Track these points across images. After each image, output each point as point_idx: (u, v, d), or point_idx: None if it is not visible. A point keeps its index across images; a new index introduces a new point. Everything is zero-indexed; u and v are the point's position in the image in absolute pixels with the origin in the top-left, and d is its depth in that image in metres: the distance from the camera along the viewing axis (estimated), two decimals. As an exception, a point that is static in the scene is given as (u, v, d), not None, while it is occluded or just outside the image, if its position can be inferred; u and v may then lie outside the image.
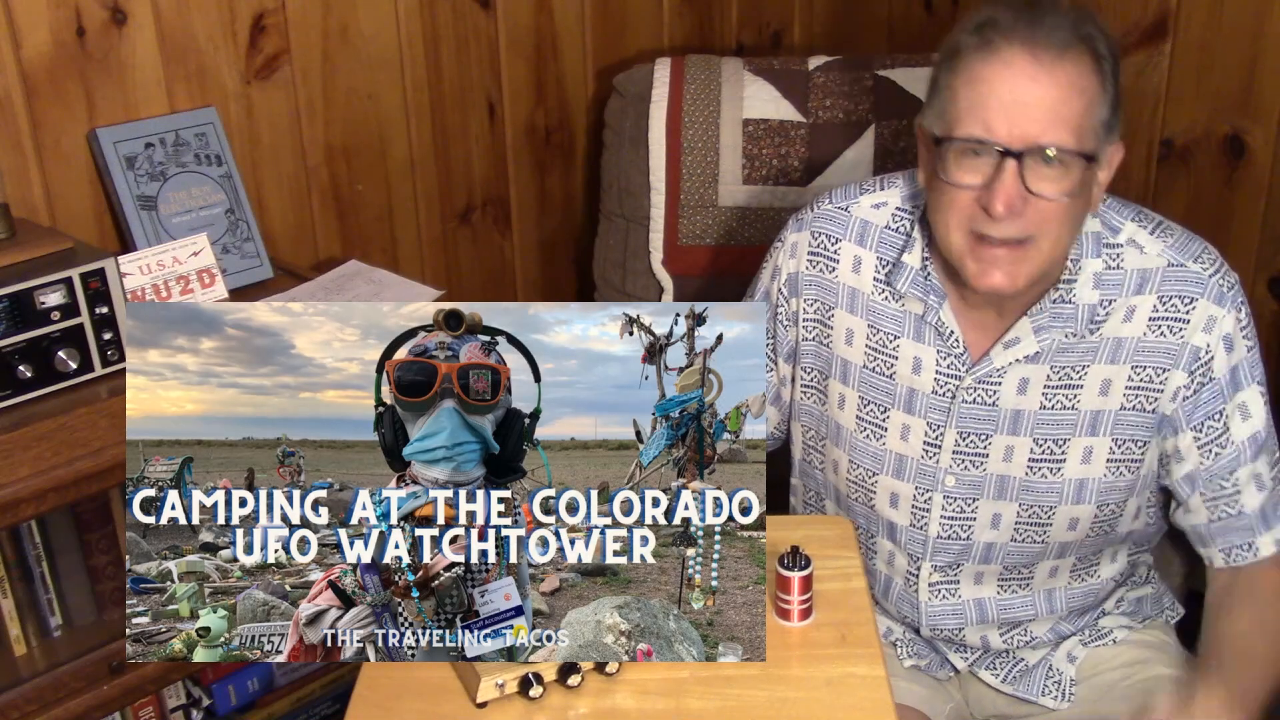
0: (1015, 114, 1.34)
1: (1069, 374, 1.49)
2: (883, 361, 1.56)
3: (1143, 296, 1.47)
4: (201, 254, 1.86)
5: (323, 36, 2.07)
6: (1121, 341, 1.47)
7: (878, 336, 1.56)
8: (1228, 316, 1.46)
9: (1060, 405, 1.50)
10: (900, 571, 1.62)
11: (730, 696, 1.30)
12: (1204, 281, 1.46)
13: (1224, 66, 2.20)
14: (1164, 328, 1.46)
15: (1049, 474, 1.52)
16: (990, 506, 1.55)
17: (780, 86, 2.21)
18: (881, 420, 1.58)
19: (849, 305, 1.58)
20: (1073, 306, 1.47)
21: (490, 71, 2.31)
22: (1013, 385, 1.50)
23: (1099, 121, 1.37)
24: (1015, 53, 1.34)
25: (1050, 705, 1.62)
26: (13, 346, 1.57)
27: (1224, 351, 1.46)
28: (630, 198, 2.27)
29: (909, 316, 1.54)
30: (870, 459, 1.59)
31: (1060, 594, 1.62)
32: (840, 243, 1.58)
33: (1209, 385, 1.47)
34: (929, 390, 1.54)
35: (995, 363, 1.50)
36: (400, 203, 2.26)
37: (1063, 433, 1.50)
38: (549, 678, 1.29)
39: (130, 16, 1.86)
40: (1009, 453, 1.52)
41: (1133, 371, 1.48)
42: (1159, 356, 1.47)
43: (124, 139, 1.87)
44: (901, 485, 1.58)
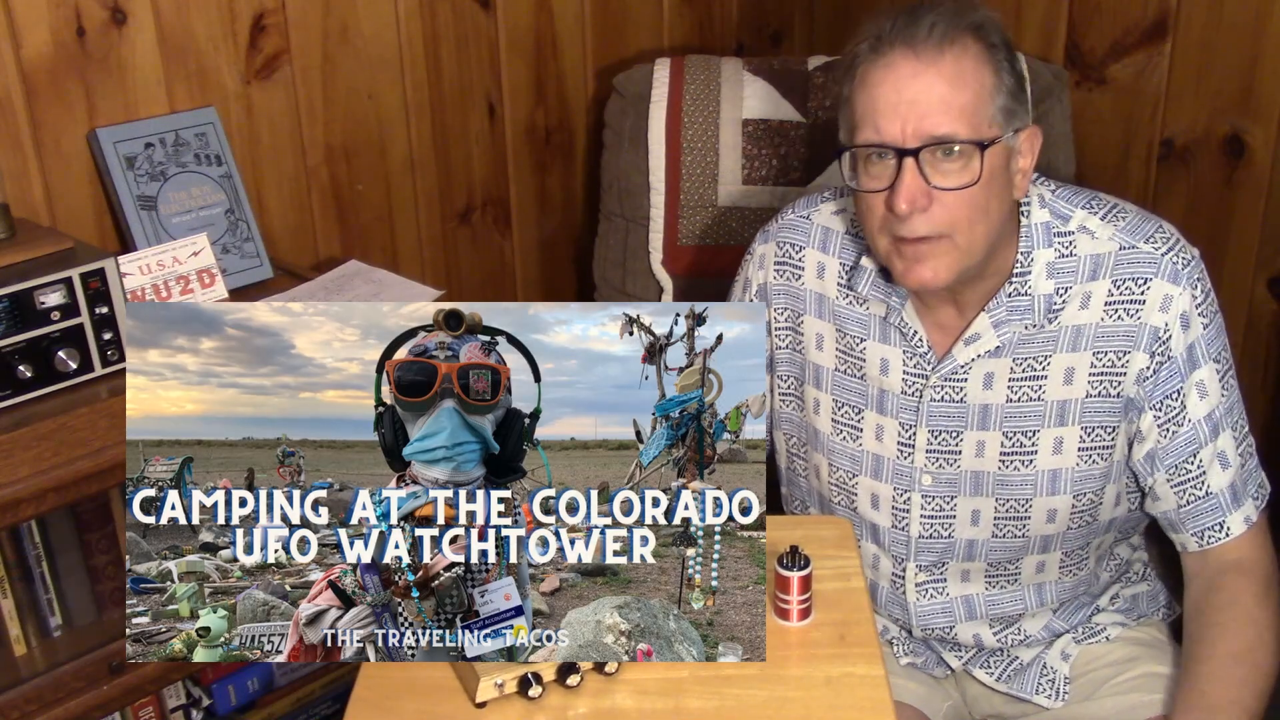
0: (904, 112, 1.37)
1: (1032, 365, 1.50)
2: (852, 364, 1.58)
3: (1097, 282, 1.47)
4: (201, 254, 1.86)
5: (323, 36, 2.07)
6: (1080, 329, 1.48)
7: (845, 340, 1.58)
8: (1183, 294, 1.46)
9: (1026, 397, 1.50)
10: (886, 575, 1.63)
11: (729, 696, 1.30)
12: (1157, 261, 1.46)
13: (1224, 66, 2.20)
14: (1120, 311, 1.46)
15: (1021, 466, 1.52)
16: (969, 503, 1.55)
17: (780, 86, 2.21)
18: (856, 421, 1.59)
19: (816, 310, 1.60)
20: (1028, 298, 1.48)
21: (490, 71, 2.32)
22: (978, 381, 1.51)
23: (996, 109, 1.39)
24: (897, 54, 1.37)
25: (1045, 704, 1.62)
26: (13, 346, 1.57)
27: (1180, 329, 1.46)
28: (630, 198, 2.27)
29: (873, 319, 1.56)
30: (849, 461, 1.60)
31: (1050, 588, 1.61)
32: (804, 250, 1.61)
33: (1168, 364, 1.47)
34: (898, 390, 1.55)
35: (958, 359, 1.51)
36: (400, 203, 2.26)
37: (1031, 424, 1.51)
38: (548, 678, 1.29)
39: (130, 16, 1.86)
40: (980, 448, 1.53)
41: (1094, 358, 1.48)
42: (1118, 340, 1.47)
43: (124, 139, 1.87)
44: (880, 486, 1.59)
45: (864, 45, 1.41)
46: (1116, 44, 2.32)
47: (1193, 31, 2.22)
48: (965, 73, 1.37)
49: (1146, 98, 2.30)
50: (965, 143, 1.36)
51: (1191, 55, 2.24)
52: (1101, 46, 2.34)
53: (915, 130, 1.37)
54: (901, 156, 1.37)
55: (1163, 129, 2.31)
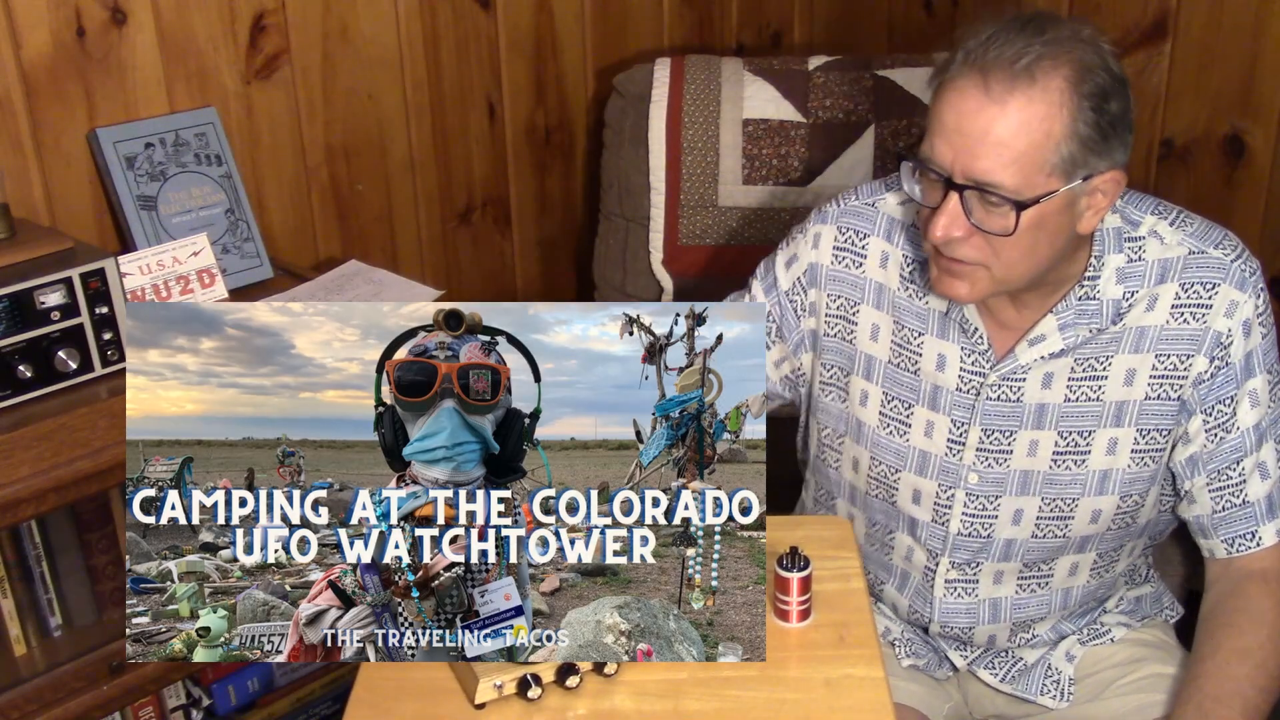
0: (958, 144, 1.33)
1: (1093, 365, 1.49)
2: (907, 358, 1.56)
3: (1165, 285, 1.46)
4: (201, 254, 1.86)
5: (323, 36, 2.07)
6: (1145, 331, 1.47)
7: (902, 333, 1.56)
8: (1248, 302, 1.46)
9: (1085, 397, 1.50)
10: (918, 567, 1.62)
11: (728, 698, 1.30)
12: (1226, 267, 1.46)
13: (1224, 66, 2.20)
14: (1187, 314, 1.46)
15: (1074, 466, 1.52)
16: (1013, 503, 1.54)
17: (780, 86, 2.21)
18: (905, 416, 1.57)
19: (876, 301, 1.58)
20: (1097, 302, 1.47)
21: (490, 71, 2.31)
22: (1037, 381, 1.50)
23: (1060, 158, 1.32)
24: (969, 80, 1.32)
25: (1049, 705, 1.62)
26: (13, 346, 1.57)
27: (1242, 336, 1.46)
28: (630, 198, 2.27)
29: (933, 313, 1.54)
30: (893, 455, 1.59)
31: (1076, 592, 1.61)
32: (869, 238, 1.58)
33: (1225, 369, 1.47)
34: (953, 387, 1.53)
35: (1020, 360, 1.50)
36: (400, 203, 2.26)
37: (1087, 424, 1.50)
38: (547, 679, 1.29)
39: (130, 16, 1.86)
40: (1033, 447, 1.52)
41: (1156, 360, 1.47)
42: (1182, 343, 1.47)
43: (124, 139, 1.87)
44: (924, 482, 1.57)
45: (958, 54, 1.35)
46: (1116, 44, 2.29)
47: (1193, 31, 2.22)
48: (1033, 119, 1.31)
49: (1146, 98, 2.30)
50: (1003, 199, 1.33)
51: (1191, 55, 2.23)
52: (1102, 46, 2.34)
53: (964, 167, 1.33)
54: (948, 187, 1.35)
55: (1163, 129, 2.31)
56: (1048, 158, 1.32)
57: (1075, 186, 1.35)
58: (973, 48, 1.33)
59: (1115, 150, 1.36)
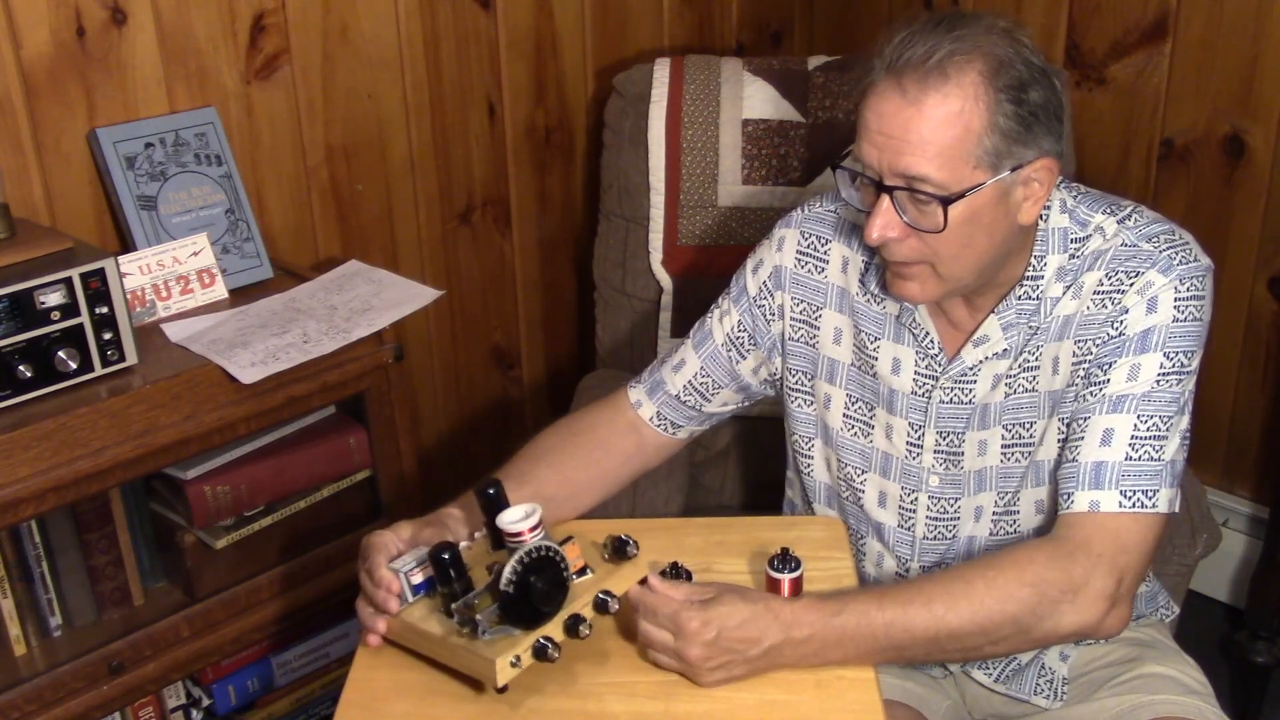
0: (882, 144, 1.35)
1: (1027, 357, 1.49)
2: (866, 361, 1.57)
3: (1091, 273, 1.45)
4: (201, 254, 1.87)
5: (323, 36, 2.08)
6: (1069, 319, 1.46)
7: (860, 337, 1.57)
8: (1168, 286, 1.42)
9: (1022, 389, 1.50)
10: (889, 574, 1.63)
11: (719, 699, 1.30)
12: (1154, 256, 1.43)
13: (1224, 66, 2.20)
14: (1105, 299, 1.44)
15: (1022, 459, 1.52)
16: (972, 501, 1.55)
17: (780, 86, 2.21)
18: (868, 418, 1.58)
19: (838, 305, 1.59)
20: (1037, 302, 1.47)
21: (490, 71, 2.32)
22: (987, 382, 1.51)
23: (984, 151, 1.33)
24: (886, 83, 1.34)
25: (1043, 704, 1.62)
26: (13, 346, 1.57)
27: (1145, 311, 1.42)
28: (630, 198, 2.27)
29: (888, 317, 1.55)
30: (858, 456, 1.60)
31: None
32: (830, 243, 1.59)
33: (1116, 339, 1.43)
34: (908, 390, 1.54)
35: (967, 361, 1.50)
36: (400, 203, 2.26)
37: (1027, 416, 1.50)
38: (559, 638, 1.29)
39: (130, 16, 1.86)
40: (983, 446, 1.52)
41: (1076, 347, 1.46)
42: (1095, 328, 1.45)
43: (124, 139, 1.87)
44: (889, 484, 1.58)
45: (875, 61, 1.36)
46: (1116, 44, 2.32)
47: (1193, 31, 2.22)
48: (949, 114, 1.32)
49: (1146, 98, 2.30)
50: (931, 196, 1.34)
51: (1191, 55, 2.23)
52: (1101, 46, 2.34)
53: (890, 166, 1.35)
54: (879, 190, 1.37)
55: (1163, 129, 2.31)
56: (970, 151, 1.33)
57: (1004, 178, 1.36)
58: (887, 51, 1.35)
59: (1042, 139, 1.36)
